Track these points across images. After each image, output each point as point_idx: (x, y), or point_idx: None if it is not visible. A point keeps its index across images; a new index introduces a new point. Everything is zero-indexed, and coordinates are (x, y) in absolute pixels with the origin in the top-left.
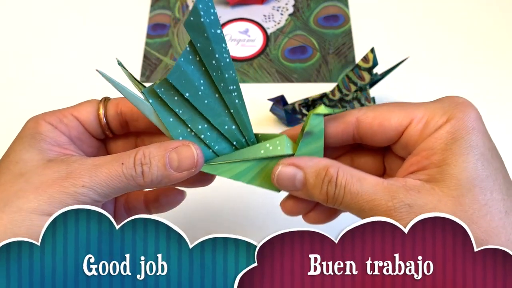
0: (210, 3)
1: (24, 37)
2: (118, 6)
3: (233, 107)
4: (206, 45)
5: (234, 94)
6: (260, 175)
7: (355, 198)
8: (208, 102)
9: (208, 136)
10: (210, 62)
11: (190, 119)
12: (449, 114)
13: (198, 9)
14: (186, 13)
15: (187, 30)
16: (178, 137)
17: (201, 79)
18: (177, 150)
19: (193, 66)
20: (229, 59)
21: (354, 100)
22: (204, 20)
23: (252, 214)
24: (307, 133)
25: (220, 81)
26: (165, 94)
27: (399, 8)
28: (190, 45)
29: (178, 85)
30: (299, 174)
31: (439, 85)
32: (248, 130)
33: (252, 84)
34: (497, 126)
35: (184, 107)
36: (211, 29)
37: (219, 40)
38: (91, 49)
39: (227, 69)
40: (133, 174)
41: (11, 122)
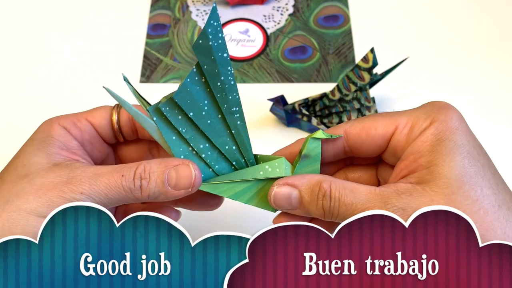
0: (218, 27)
1: (23, 37)
2: (118, 6)
3: (234, 128)
4: (212, 68)
5: (236, 116)
6: (258, 195)
7: (350, 209)
8: (210, 122)
9: (209, 156)
10: (215, 84)
11: (192, 138)
12: (432, 117)
13: (207, 33)
14: (186, 13)
15: (195, 52)
16: (180, 155)
17: (205, 99)
18: (176, 168)
19: (199, 87)
20: (233, 82)
21: (354, 100)
22: (212, 44)
23: (252, 214)
24: (304, 156)
25: (224, 102)
26: (170, 113)
27: (399, 8)
28: (197, 67)
29: (183, 105)
30: (294, 192)
31: (439, 85)
32: (248, 151)
33: (252, 84)
34: (497, 126)
35: (187, 126)
36: (218, 52)
37: (225, 63)
38: (91, 49)
39: (231, 91)
40: (132, 187)
41: (11, 123)
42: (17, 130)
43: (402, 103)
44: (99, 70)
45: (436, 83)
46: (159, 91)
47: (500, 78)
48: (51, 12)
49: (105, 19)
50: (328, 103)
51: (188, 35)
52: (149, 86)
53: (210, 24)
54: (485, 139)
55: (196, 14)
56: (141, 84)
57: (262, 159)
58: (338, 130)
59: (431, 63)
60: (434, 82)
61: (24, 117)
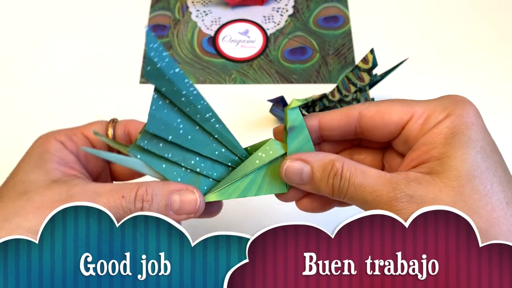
0: (160, 48)
1: (23, 37)
2: (118, 7)
3: (216, 132)
4: (170, 87)
5: (212, 121)
6: (264, 183)
7: (359, 190)
8: (191, 137)
9: (204, 167)
10: (180, 100)
11: (181, 158)
12: (449, 110)
13: (152, 58)
14: (186, 14)
15: (148, 79)
16: (176, 178)
17: (177, 118)
18: (180, 193)
19: (166, 110)
20: (196, 91)
21: (354, 101)
22: (161, 65)
23: (253, 213)
24: (290, 128)
25: (196, 113)
26: (150, 145)
27: (399, 9)
28: (156, 92)
29: (159, 132)
30: (306, 168)
31: (439, 86)
32: (238, 148)
33: (252, 85)
34: (497, 125)
35: (171, 150)
36: (169, 71)
37: (180, 78)
38: (91, 50)
39: (197, 101)
40: (132, 209)
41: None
42: (16, 130)
43: None
44: (99, 71)
45: (436, 83)
46: None
47: (500, 78)
48: (51, 13)
49: (105, 20)
50: (328, 104)
51: (188, 36)
52: (149, 86)
53: (151, 48)
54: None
55: (196, 15)
56: (141, 85)
57: (253, 149)
58: (353, 111)
59: (431, 64)
60: (434, 82)
61: (23, 117)
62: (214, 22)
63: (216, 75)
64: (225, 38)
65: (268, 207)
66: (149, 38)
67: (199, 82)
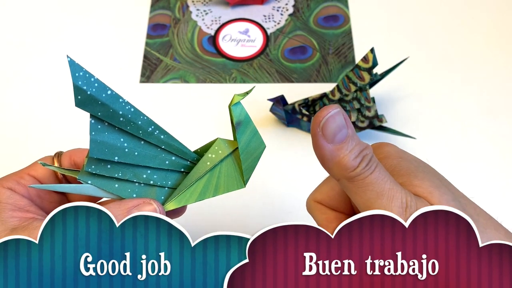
0: (87, 74)
1: (23, 37)
2: (118, 7)
3: (162, 143)
4: (106, 110)
5: (156, 133)
6: (220, 182)
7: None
8: (138, 152)
9: (157, 179)
10: (119, 121)
11: (132, 175)
12: None
13: (80, 86)
14: (186, 13)
15: (81, 108)
16: (132, 195)
17: (120, 138)
18: (138, 207)
19: (107, 132)
20: (133, 109)
21: (354, 100)
22: (91, 92)
23: (252, 214)
24: (237, 124)
25: (137, 130)
26: (98, 169)
27: (399, 8)
28: (92, 117)
29: (104, 156)
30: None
31: (439, 86)
32: (188, 153)
33: (252, 84)
34: (498, 125)
35: (121, 169)
36: (101, 94)
37: (114, 99)
38: (91, 49)
39: (137, 118)
40: None
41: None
42: (16, 127)
43: (402, 103)
44: (99, 70)
45: (436, 83)
46: (159, 91)
47: (500, 78)
48: (51, 12)
49: (105, 19)
50: (328, 103)
51: (188, 35)
52: (149, 86)
53: (77, 77)
54: (486, 138)
55: (196, 14)
56: (141, 84)
57: (203, 151)
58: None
59: (431, 63)
60: (434, 82)
61: (23, 117)
62: (214, 21)
63: (217, 74)
64: (225, 37)
65: (268, 206)
66: (74, 67)
67: (199, 81)
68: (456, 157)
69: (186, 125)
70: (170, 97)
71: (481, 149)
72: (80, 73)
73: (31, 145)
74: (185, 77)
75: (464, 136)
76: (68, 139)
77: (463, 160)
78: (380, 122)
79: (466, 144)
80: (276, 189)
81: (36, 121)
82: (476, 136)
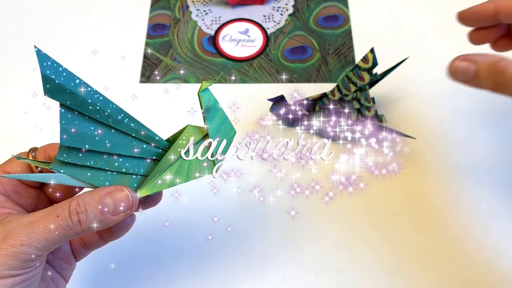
0: (54, 63)
1: (23, 37)
2: (118, 7)
3: (132, 131)
4: (75, 99)
5: (126, 121)
6: (191, 167)
7: None
8: (109, 141)
9: (129, 166)
10: (88, 109)
11: (104, 163)
12: None
13: (48, 75)
14: (186, 13)
15: (51, 97)
16: (104, 183)
17: (90, 126)
18: (111, 195)
19: (77, 121)
20: (102, 97)
21: (354, 100)
22: (59, 81)
23: (252, 214)
24: (206, 110)
25: (107, 118)
26: (70, 157)
27: (398, 8)
28: (62, 106)
29: (75, 144)
30: (472, 67)
31: (439, 85)
32: (159, 141)
33: (252, 84)
34: (497, 125)
35: (92, 158)
36: (69, 83)
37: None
38: (91, 49)
39: (106, 106)
40: (70, 224)
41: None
42: (16, 124)
43: (402, 103)
44: (99, 70)
45: (436, 83)
46: (159, 91)
47: None
48: (51, 12)
49: (105, 20)
50: (327, 103)
51: (188, 35)
52: (149, 86)
53: (45, 67)
54: (486, 138)
55: (196, 14)
56: (141, 84)
57: (174, 138)
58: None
59: (431, 63)
60: (434, 82)
61: (24, 117)
62: (214, 21)
63: (216, 74)
64: (225, 38)
65: (268, 205)
66: (41, 57)
67: (199, 81)
68: (456, 157)
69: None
70: (170, 97)
71: (481, 149)
72: (48, 63)
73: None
74: (185, 77)
75: (464, 136)
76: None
77: (463, 160)
78: (380, 122)
79: (465, 144)
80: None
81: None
82: (476, 136)
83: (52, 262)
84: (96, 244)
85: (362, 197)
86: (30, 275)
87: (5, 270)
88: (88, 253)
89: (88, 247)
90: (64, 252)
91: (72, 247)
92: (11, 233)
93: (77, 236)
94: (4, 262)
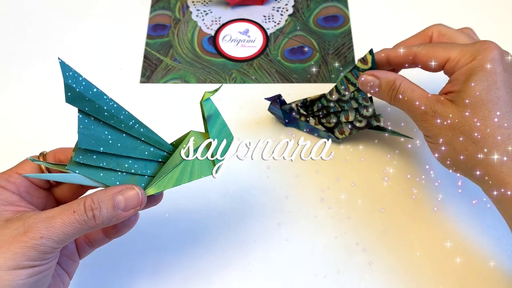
0: (75, 74)
1: (23, 37)
2: (118, 7)
3: (141, 135)
4: (92, 106)
5: (136, 126)
6: (194, 169)
7: (407, 102)
8: (121, 144)
9: (137, 168)
10: (103, 115)
11: (115, 164)
12: (474, 56)
13: (70, 84)
14: (186, 14)
15: (71, 104)
16: (115, 182)
17: (104, 131)
18: (122, 192)
19: (93, 126)
20: (116, 105)
21: (352, 99)
22: (80, 89)
23: (252, 213)
24: (208, 117)
25: (120, 123)
26: (85, 159)
27: (398, 9)
28: (80, 112)
29: (90, 146)
30: (376, 81)
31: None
32: (164, 145)
33: (252, 84)
34: None
35: (105, 159)
36: (88, 92)
37: (99, 96)
38: (92, 49)
39: (119, 113)
40: (85, 219)
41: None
42: (16, 122)
43: None
44: (99, 71)
45: (436, 83)
46: (160, 91)
47: None
48: (51, 12)
49: (105, 20)
50: (326, 103)
51: (188, 35)
52: (149, 86)
53: (67, 76)
54: None
55: (196, 14)
56: (141, 85)
57: (178, 142)
58: (410, 50)
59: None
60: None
61: (25, 117)
62: (214, 21)
63: (217, 74)
64: (225, 38)
65: (269, 205)
66: (64, 67)
67: (199, 81)
68: None
69: (186, 125)
70: (170, 97)
71: None
72: (70, 73)
73: (18, 146)
74: (185, 77)
75: None
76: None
77: None
78: (377, 122)
79: None
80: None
81: (25, 122)
82: None
83: (59, 259)
84: (101, 242)
85: (362, 197)
86: (47, 267)
87: (26, 261)
88: (91, 251)
89: (93, 244)
90: (70, 250)
91: (77, 244)
92: (31, 227)
93: (91, 230)
94: (25, 253)
